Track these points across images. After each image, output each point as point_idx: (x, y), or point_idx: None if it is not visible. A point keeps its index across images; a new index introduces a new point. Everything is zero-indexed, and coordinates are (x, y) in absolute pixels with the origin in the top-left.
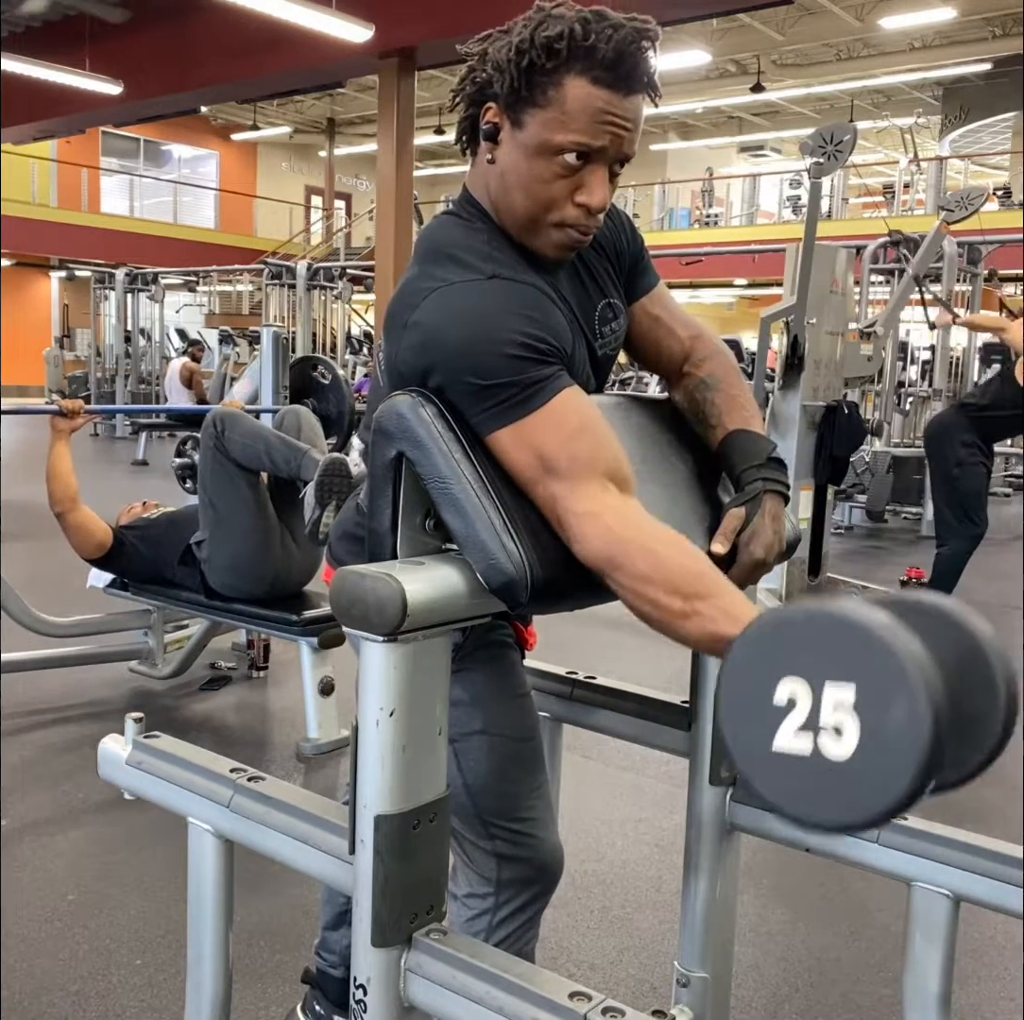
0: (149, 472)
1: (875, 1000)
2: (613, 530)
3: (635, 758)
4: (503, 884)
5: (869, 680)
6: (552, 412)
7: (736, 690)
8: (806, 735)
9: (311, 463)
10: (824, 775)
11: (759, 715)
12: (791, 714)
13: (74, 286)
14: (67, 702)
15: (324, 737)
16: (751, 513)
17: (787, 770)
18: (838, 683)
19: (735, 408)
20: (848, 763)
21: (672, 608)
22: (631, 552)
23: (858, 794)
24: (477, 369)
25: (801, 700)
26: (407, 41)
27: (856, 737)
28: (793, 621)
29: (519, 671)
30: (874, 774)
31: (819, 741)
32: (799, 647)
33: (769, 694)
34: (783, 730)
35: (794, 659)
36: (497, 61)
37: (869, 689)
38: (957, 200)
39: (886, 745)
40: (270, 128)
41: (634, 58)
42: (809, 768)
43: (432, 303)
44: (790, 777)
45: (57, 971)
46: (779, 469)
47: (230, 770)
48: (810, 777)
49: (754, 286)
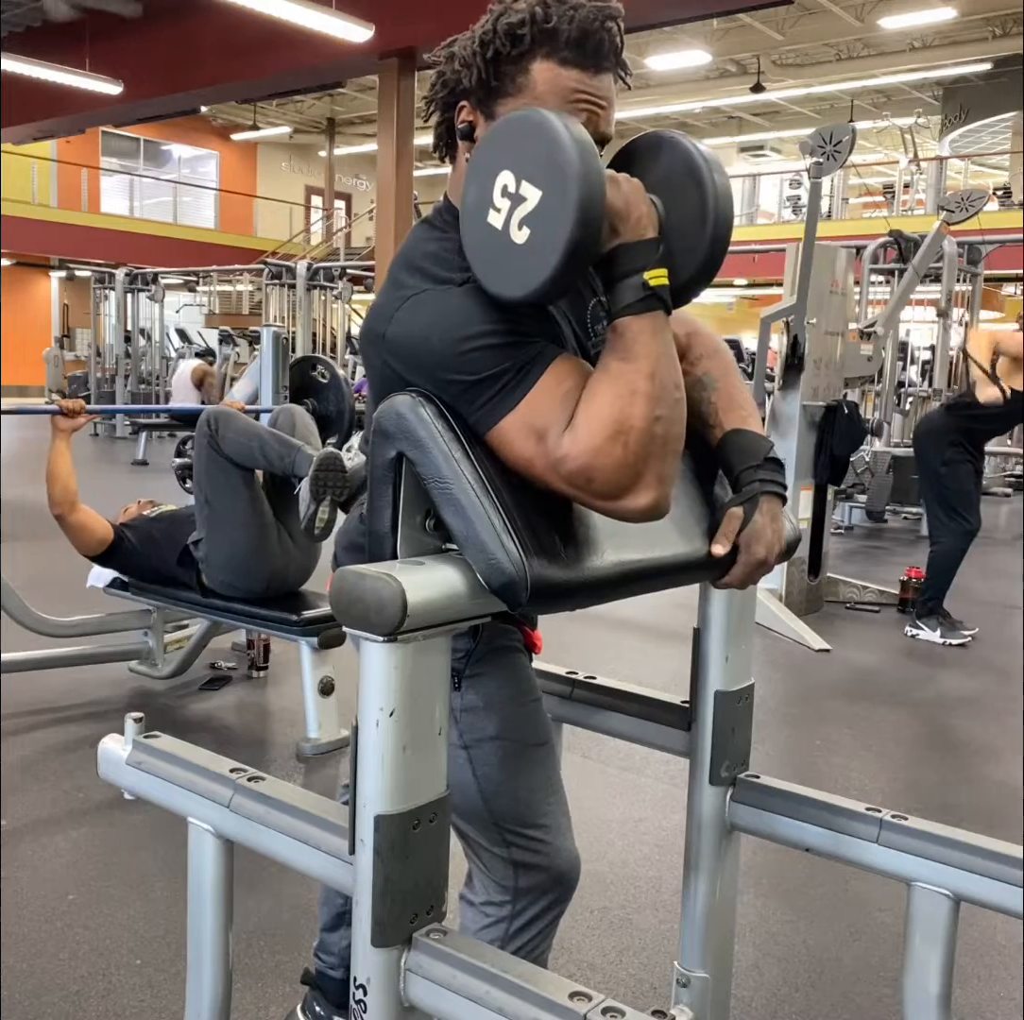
0: (149, 472)
1: (875, 1000)
2: (602, 416)
3: (635, 758)
4: (520, 892)
5: (543, 171)
6: (546, 384)
7: (473, 182)
8: (503, 217)
9: (305, 459)
10: (509, 252)
11: (484, 200)
12: (503, 199)
13: (74, 286)
14: (67, 702)
15: (324, 737)
16: (749, 513)
17: (490, 243)
18: (530, 184)
19: (733, 407)
20: (523, 246)
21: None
22: (624, 402)
23: (527, 268)
24: (463, 366)
25: (510, 189)
26: (407, 41)
27: (529, 228)
28: (508, 121)
29: (530, 675)
30: (537, 253)
31: (510, 223)
32: (512, 145)
33: (491, 183)
34: (492, 213)
35: (508, 156)
36: (463, 57)
37: (543, 180)
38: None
39: (546, 227)
40: (270, 128)
41: (598, 35)
42: (503, 244)
43: (407, 311)
44: (490, 249)
45: (57, 971)
46: (777, 469)
47: (230, 770)
48: (503, 253)
49: (754, 286)
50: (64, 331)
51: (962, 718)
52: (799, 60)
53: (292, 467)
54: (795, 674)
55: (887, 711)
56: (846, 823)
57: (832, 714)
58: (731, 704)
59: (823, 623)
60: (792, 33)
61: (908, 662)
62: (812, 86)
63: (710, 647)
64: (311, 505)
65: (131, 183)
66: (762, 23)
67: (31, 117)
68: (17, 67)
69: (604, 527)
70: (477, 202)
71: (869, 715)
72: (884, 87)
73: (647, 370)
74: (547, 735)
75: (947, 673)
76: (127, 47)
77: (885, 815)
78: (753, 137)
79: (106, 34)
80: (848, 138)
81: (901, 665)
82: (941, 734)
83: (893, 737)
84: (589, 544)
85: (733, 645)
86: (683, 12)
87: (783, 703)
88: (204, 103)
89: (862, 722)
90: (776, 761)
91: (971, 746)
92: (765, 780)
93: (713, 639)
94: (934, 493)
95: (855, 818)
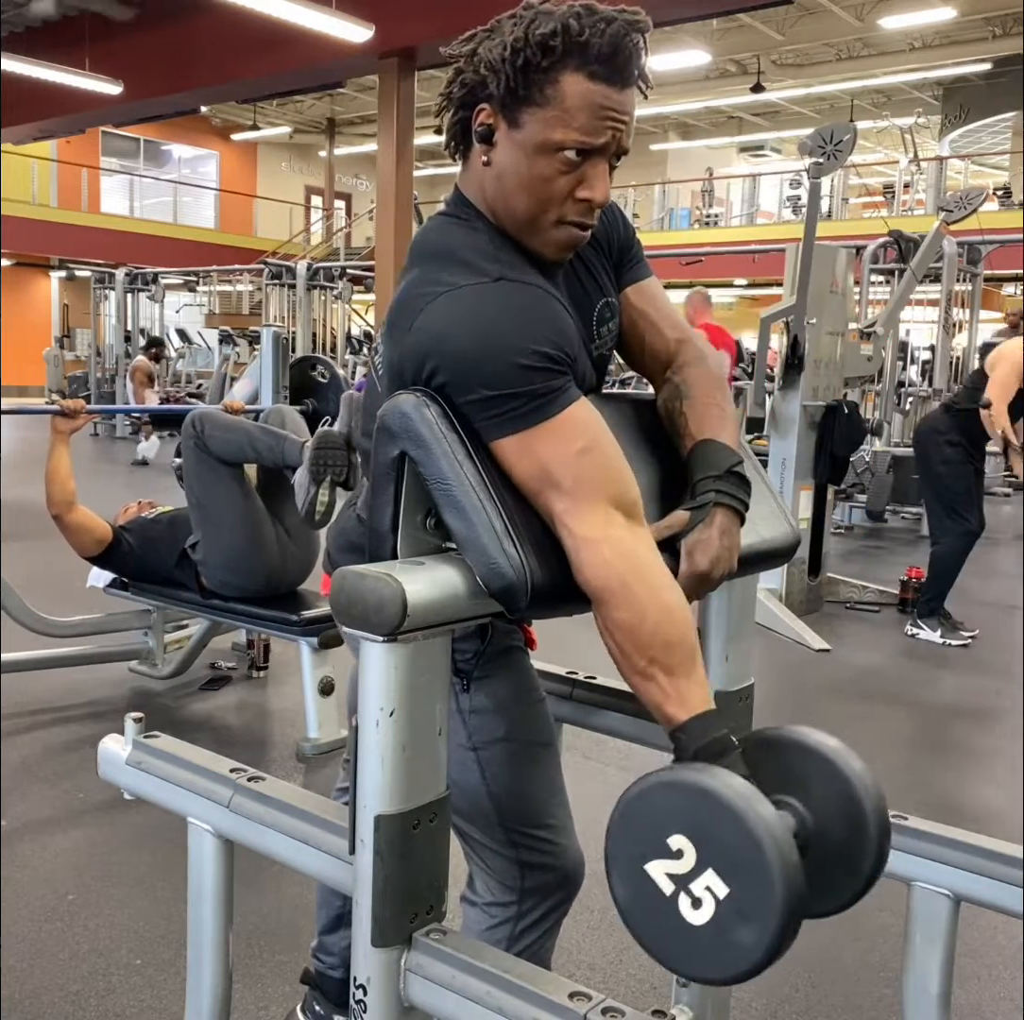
0: (149, 472)
1: (875, 1000)
2: (608, 564)
3: (635, 758)
4: (526, 892)
5: (728, 861)
6: (560, 427)
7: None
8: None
9: (294, 447)
10: (687, 931)
11: (647, 852)
12: (673, 863)
13: (74, 286)
14: (67, 702)
15: (324, 737)
16: (695, 520)
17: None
18: (715, 873)
19: (706, 419)
20: (703, 928)
21: (634, 664)
22: (617, 594)
23: (715, 956)
24: (486, 379)
25: (687, 855)
26: (407, 41)
27: (711, 911)
28: (698, 790)
29: (534, 675)
30: (727, 945)
31: (680, 902)
32: (680, 810)
33: (663, 841)
34: (657, 875)
35: (681, 817)
36: (490, 61)
37: (728, 870)
38: (956, 200)
39: (736, 925)
40: (270, 128)
41: (628, 51)
42: (675, 921)
43: (438, 308)
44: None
45: (57, 971)
46: (738, 484)
47: (230, 770)
48: (679, 930)
49: (754, 286)
50: (64, 331)
51: (962, 718)
52: (799, 60)
53: (282, 456)
54: (795, 674)
55: (887, 711)
56: None
57: (832, 714)
58: (731, 704)
59: (823, 623)
60: (792, 33)
61: (908, 662)
62: (812, 86)
63: (710, 647)
64: (310, 488)
65: (131, 183)
66: (762, 23)
67: (31, 117)
68: (17, 67)
69: None
70: (641, 852)
71: (869, 715)
72: (884, 87)
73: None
74: (552, 735)
75: (947, 673)
76: (127, 47)
77: None
78: (753, 137)
79: (106, 34)
80: (849, 137)
81: (901, 665)
82: (941, 734)
83: (893, 737)
84: None
85: (733, 645)
86: (683, 12)
87: (783, 703)
88: (204, 103)
89: (862, 722)
90: None
91: (971, 746)
92: None
93: (713, 639)
94: (934, 493)
95: None
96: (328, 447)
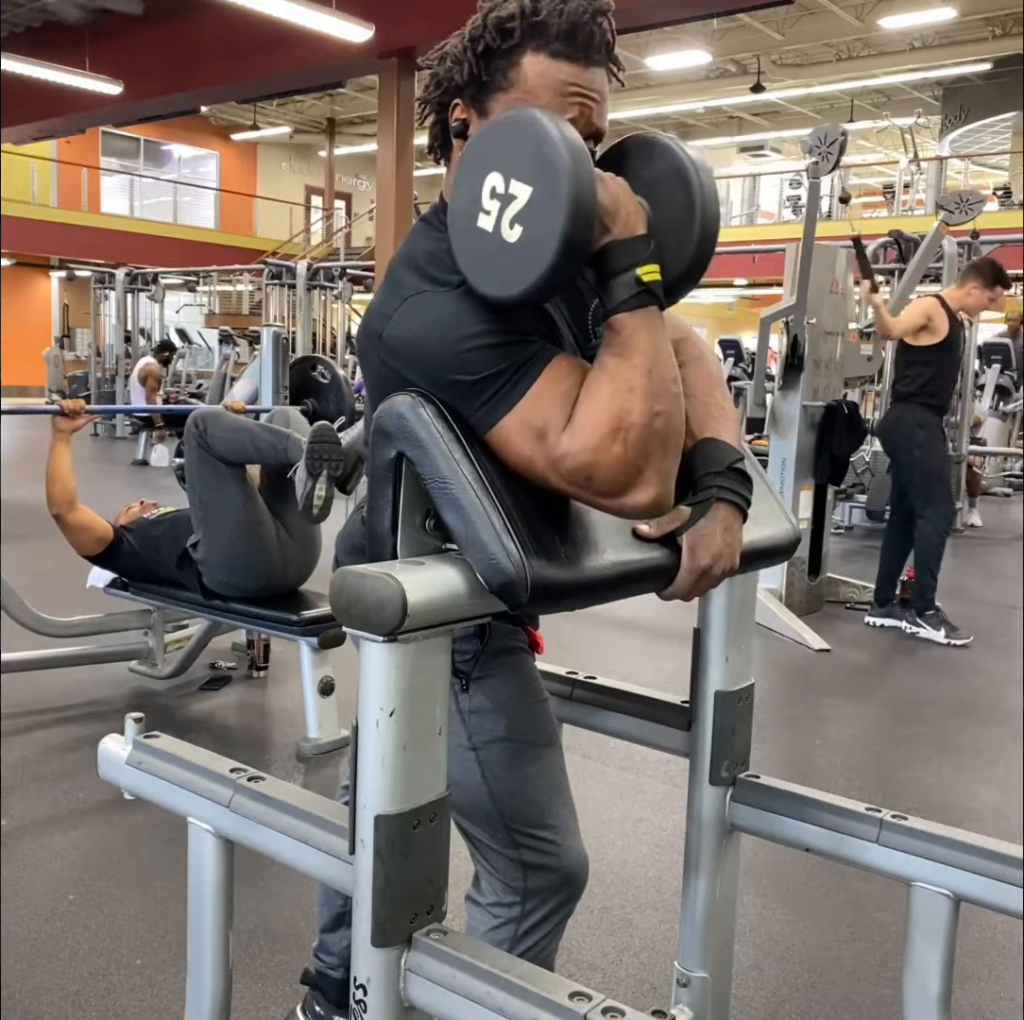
0: (149, 472)
1: (875, 1000)
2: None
3: (635, 758)
4: (529, 893)
5: (533, 168)
6: (545, 383)
7: (462, 186)
8: (494, 218)
9: (296, 445)
10: (502, 252)
11: (473, 204)
12: (492, 201)
13: (74, 286)
14: (67, 702)
15: (324, 737)
16: (697, 515)
17: (482, 245)
18: (519, 182)
19: (707, 417)
20: (516, 244)
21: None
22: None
23: (522, 266)
24: (463, 366)
25: (499, 190)
26: (407, 41)
27: (522, 226)
28: (496, 123)
29: (537, 676)
30: (531, 249)
31: (501, 223)
32: (499, 147)
33: (479, 186)
34: (482, 216)
35: (496, 157)
36: (454, 55)
37: (533, 176)
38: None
39: (539, 223)
40: (270, 128)
41: (588, 27)
42: (495, 245)
43: (405, 312)
44: (482, 252)
45: (57, 971)
46: (741, 481)
47: (230, 770)
48: (496, 254)
49: (754, 286)
50: (64, 331)
51: (962, 718)
52: (799, 60)
53: (285, 454)
54: (795, 674)
55: (887, 711)
56: (846, 823)
57: (832, 714)
58: (731, 704)
59: (823, 623)
60: (792, 33)
61: (908, 662)
62: (812, 86)
63: (710, 647)
64: (308, 482)
65: (131, 183)
66: (762, 23)
67: (31, 117)
68: (17, 67)
69: (603, 527)
70: (466, 206)
71: (869, 715)
72: (884, 87)
73: (644, 366)
74: (554, 735)
75: (947, 673)
76: (127, 47)
77: (885, 815)
78: (753, 137)
79: (106, 34)
80: (839, 140)
81: (901, 665)
82: (941, 734)
83: (893, 737)
84: (589, 544)
85: (733, 645)
86: (683, 12)
87: (783, 703)
88: (204, 103)
89: (862, 722)
90: (776, 761)
91: (971, 746)
92: (765, 780)
93: (713, 639)
94: (918, 472)
95: (855, 818)
96: (323, 441)
